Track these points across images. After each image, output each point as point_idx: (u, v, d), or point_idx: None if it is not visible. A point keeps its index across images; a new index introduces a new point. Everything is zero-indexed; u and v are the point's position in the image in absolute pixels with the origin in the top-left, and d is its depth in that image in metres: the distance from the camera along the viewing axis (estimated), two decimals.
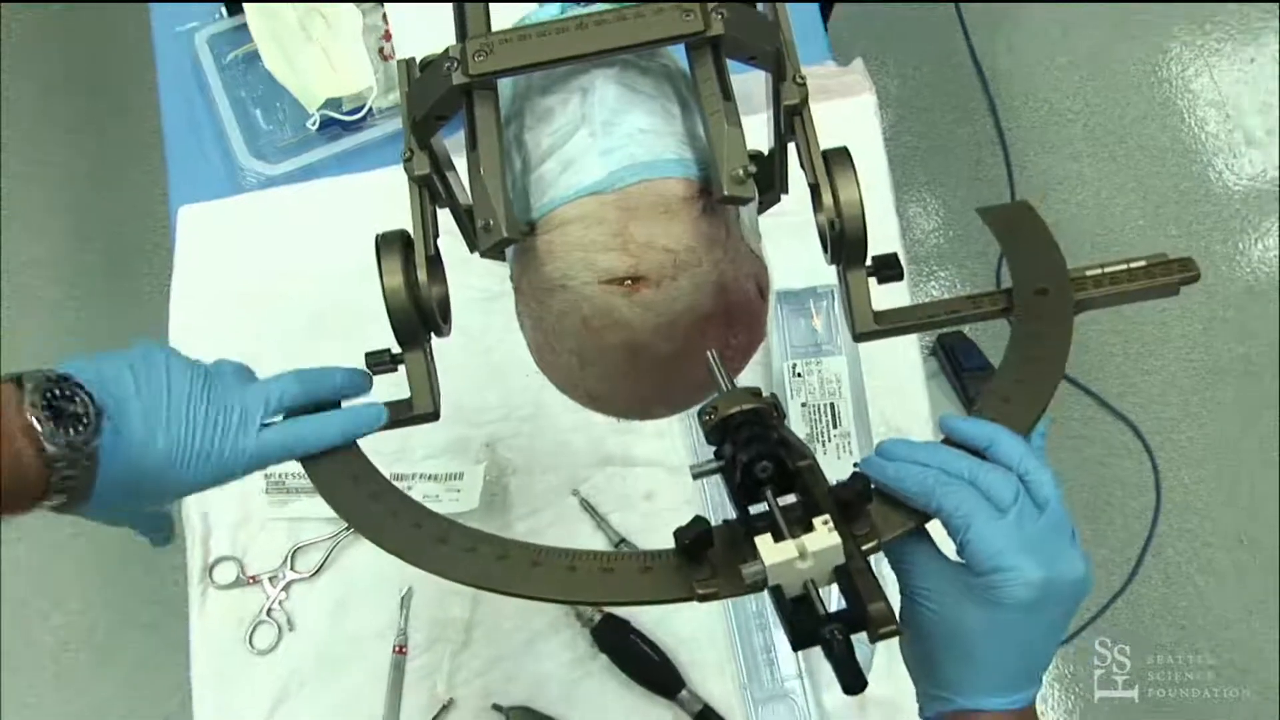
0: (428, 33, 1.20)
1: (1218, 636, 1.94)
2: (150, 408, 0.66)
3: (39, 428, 0.61)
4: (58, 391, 0.62)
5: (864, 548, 0.59)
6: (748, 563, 0.56)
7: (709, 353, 0.66)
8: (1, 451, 0.60)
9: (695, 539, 0.59)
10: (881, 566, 0.68)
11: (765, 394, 0.63)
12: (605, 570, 0.64)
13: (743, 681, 1.07)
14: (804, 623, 0.55)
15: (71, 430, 0.62)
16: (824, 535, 0.56)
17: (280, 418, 0.71)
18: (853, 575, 0.56)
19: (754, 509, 0.60)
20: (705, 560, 0.61)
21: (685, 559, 0.61)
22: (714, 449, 0.62)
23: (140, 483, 0.67)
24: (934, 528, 0.65)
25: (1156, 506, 2.02)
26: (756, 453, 0.58)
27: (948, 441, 0.67)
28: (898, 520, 0.64)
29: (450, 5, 0.71)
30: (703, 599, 0.61)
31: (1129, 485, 2.05)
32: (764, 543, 0.56)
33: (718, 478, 0.62)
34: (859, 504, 0.60)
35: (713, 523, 0.60)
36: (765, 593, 0.57)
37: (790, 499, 0.60)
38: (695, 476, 0.62)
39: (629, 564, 0.64)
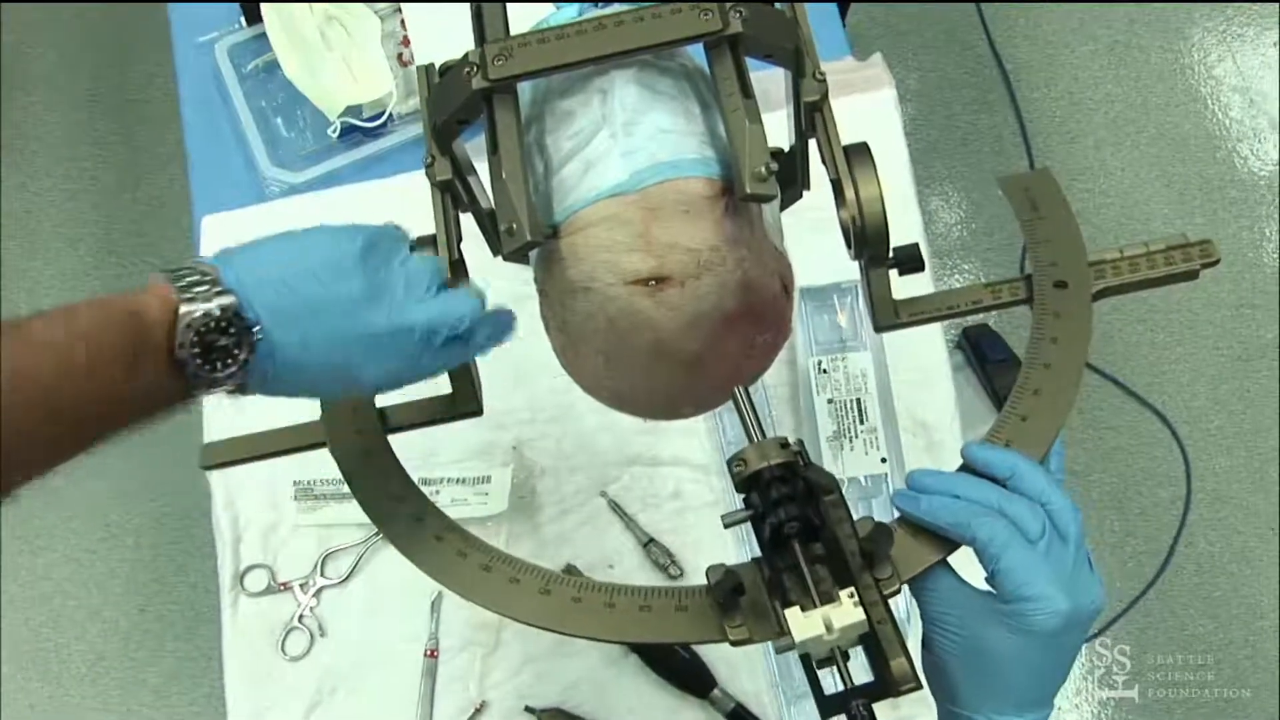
0: (446, 38, 1.19)
1: (1252, 626, 1.92)
2: (307, 334, 0.61)
3: (186, 366, 0.57)
4: (213, 324, 0.58)
5: (887, 592, 0.62)
6: (779, 637, 0.61)
7: (735, 391, 0.67)
8: (138, 373, 0.56)
9: (729, 592, 0.62)
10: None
11: (792, 439, 0.65)
12: (643, 608, 0.67)
13: (774, 679, 1.07)
14: (831, 698, 0.60)
15: (219, 365, 0.58)
16: (849, 610, 0.59)
17: None
18: (876, 634, 0.60)
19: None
20: (737, 605, 0.64)
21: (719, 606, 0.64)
22: (743, 496, 0.64)
23: (296, 388, 0.64)
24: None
25: (1187, 496, 2.01)
26: (785, 515, 0.61)
27: (966, 468, 0.69)
28: (919, 556, 0.67)
29: (468, 9, 0.71)
30: (735, 644, 0.64)
31: (1158, 475, 2.03)
32: (794, 617, 0.60)
33: None
34: (882, 553, 0.63)
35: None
36: None
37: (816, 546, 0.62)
38: (726, 525, 0.64)
39: (665, 602, 0.67)
